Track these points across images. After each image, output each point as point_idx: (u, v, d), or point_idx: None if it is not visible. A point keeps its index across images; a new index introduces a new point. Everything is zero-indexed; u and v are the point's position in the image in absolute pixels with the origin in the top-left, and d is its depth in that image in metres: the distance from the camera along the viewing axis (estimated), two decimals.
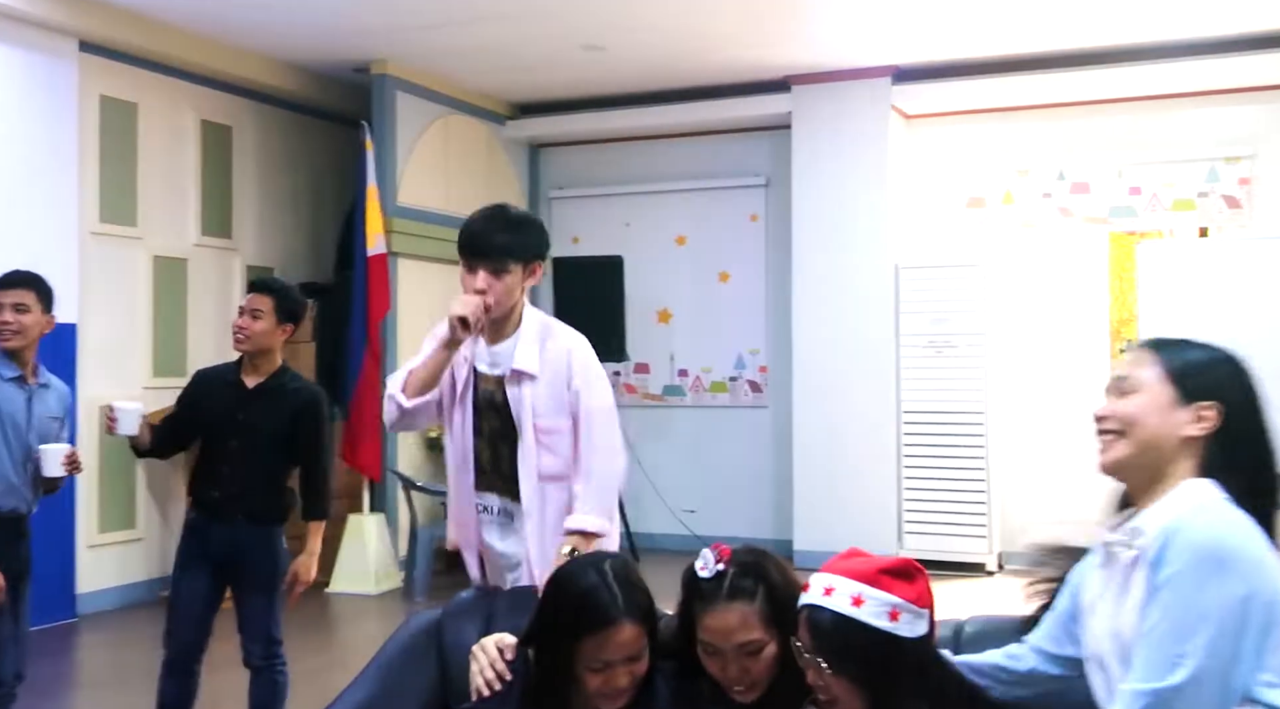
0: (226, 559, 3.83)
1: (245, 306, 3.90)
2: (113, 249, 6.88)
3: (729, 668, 1.99)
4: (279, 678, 3.88)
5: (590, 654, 1.97)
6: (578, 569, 2.08)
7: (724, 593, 2.00)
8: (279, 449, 3.85)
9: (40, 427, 3.62)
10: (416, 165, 8.00)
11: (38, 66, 6.32)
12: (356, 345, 7.28)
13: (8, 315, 3.60)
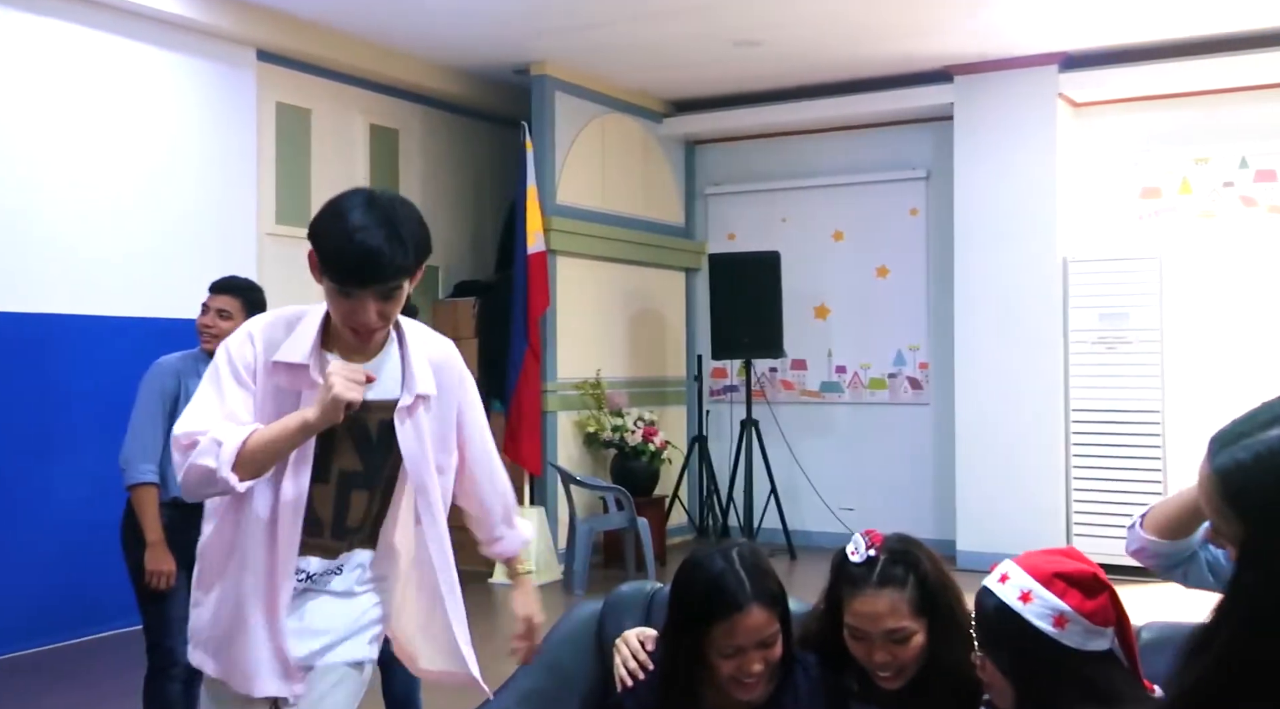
0: None
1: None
2: (287, 249, 7.17)
3: (875, 654, 1.98)
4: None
5: (721, 640, 1.97)
6: (705, 557, 2.08)
7: (874, 579, 1.98)
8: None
9: None
10: (574, 164, 8.11)
11: (219, 76, 6.64)
12: (517, 341, 7.42)
13: (209, 319, 3.80)
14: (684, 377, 9.22)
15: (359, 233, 2.06)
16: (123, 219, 6.11)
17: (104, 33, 6.05)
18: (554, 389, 7.84)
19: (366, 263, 2.05)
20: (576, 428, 8.06)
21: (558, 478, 7.62)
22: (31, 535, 5.66)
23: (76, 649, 5.70)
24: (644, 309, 8.85)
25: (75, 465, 5.77)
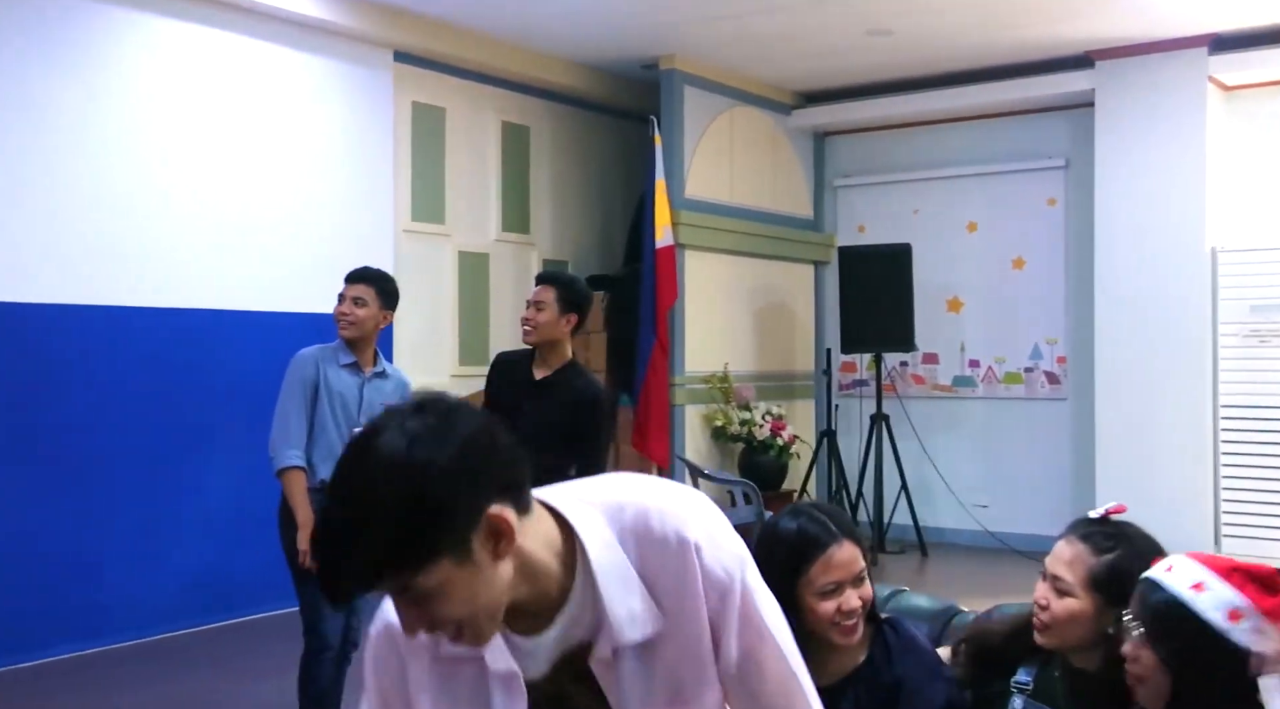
0: None
1: (531, 299, 4.04)
2: (423, 245, 7.35)
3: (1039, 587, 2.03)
4: None
5: (819, 579, 2.02)
6: (777, 520, 2.15)
7: (1080, 534, 2.05)
8: (558, 443, 3.89)
9: (371, 412, 3.84)
10: (703, 158, 8.12)
11: (357, 77, 6.84)
12: (645, 335, 7.46)
13: (346, 307, 3.91)
14: (812, 371, 9.15)
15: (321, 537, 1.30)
16: (266, 218, 6.34)
17: (248, 37, 6.29)
18: (682, 383, 7.86)
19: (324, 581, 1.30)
20: (704, 422, 8.07)
21: (685, 471, 7.64)
22: (185, 522, 5.92)
23: (229, 630, 5.95)
24: (772, 303, 8.81)
25: (225, 455, 6.01)
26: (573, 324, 3.99)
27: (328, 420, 3.80)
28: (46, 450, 5.43)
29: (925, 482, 8.50)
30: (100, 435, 5.61)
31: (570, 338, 4.05)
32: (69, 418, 5.50)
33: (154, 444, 5.81)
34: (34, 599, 5.34)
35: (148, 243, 5.83)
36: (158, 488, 5.83)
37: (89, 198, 5.62)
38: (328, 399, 3.81)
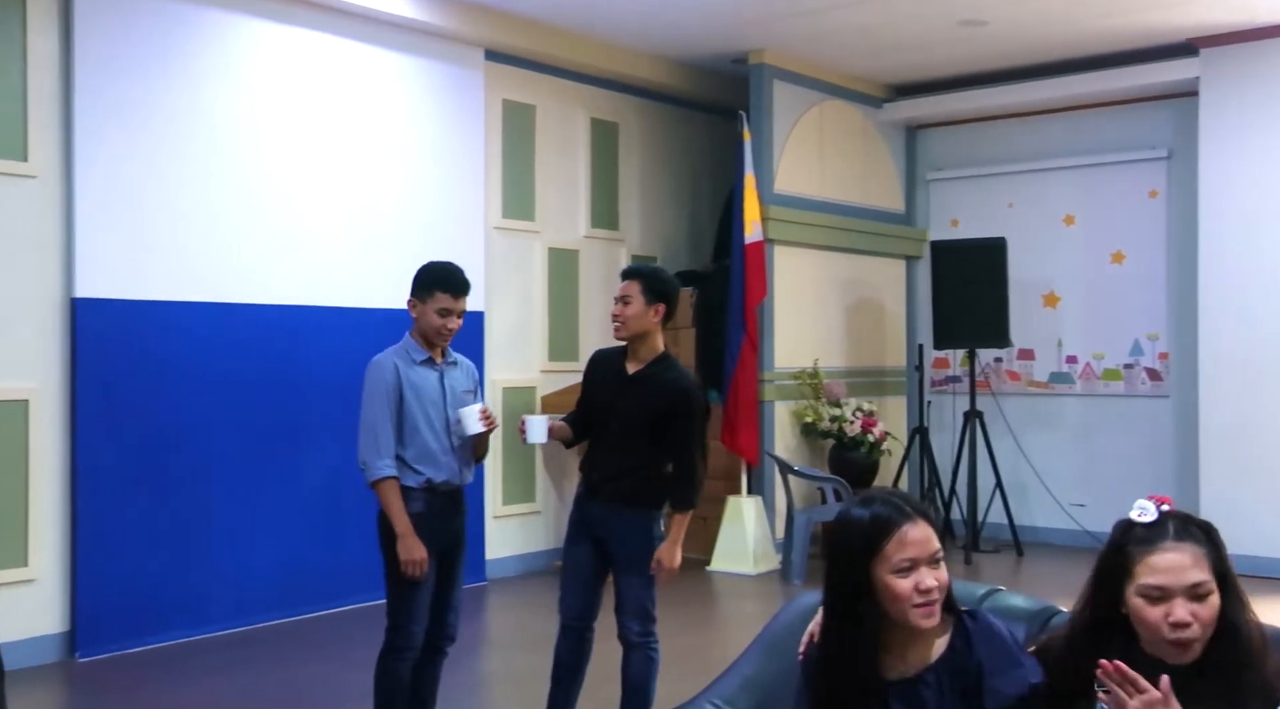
0: (604, 537, 3.97)
1: (617, 295, 4.00)
2: (513, 242, 7.42)
3: (1175, 611, 1.90)
4: (653, 654, 3.97)
5: (894, 556, 2.01)
6: (848, 509, 2.14)
7: (1171, 534, 1.95)
8: (651, 437, 3.90)
9: (454, 400, 3.88)
10: (793, 152, 8.06)
11: (449, 76, 6.92)
12: (734, 331, 7.44)
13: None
14: (904, 367, 9.03)
15: None
16: (361, 217, 6.46)
17: (343, 39, 6.40)
18: (771, 379, 7.82)
19: None
20: (794, 418, 8.02)
21: (775, 468, 7.61)
22: (282, 514, 6.06)
23: (323, 620, 6.07)
24: (863, 298, 8.72)
25: (320, 448, 6.14)
26: (661, 315, 3.95)
27: (419, 420, 3.78)
28: (150, 442, 5.60)
29: (1020, 480, 8.35)
30: (201, 428, 5.77)
31: (661, 330, 4.02)
32: (172, 411, 5.66)
33: (252, 437, 5.96)
34: (138, 589, 5.51)
35: (247, 241, 5.98)
36: (255, 480, 5.97)
37: (193, 198, 5.77)
38: (414, 399, 3.78)
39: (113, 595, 5.42)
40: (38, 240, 5.31)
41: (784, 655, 2.38)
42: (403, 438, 3.76)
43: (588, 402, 4.10)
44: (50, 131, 5.34)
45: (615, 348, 4.11)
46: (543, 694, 4.07)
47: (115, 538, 5.45)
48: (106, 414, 5.47)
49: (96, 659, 5.32)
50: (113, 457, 5.47)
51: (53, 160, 5.35)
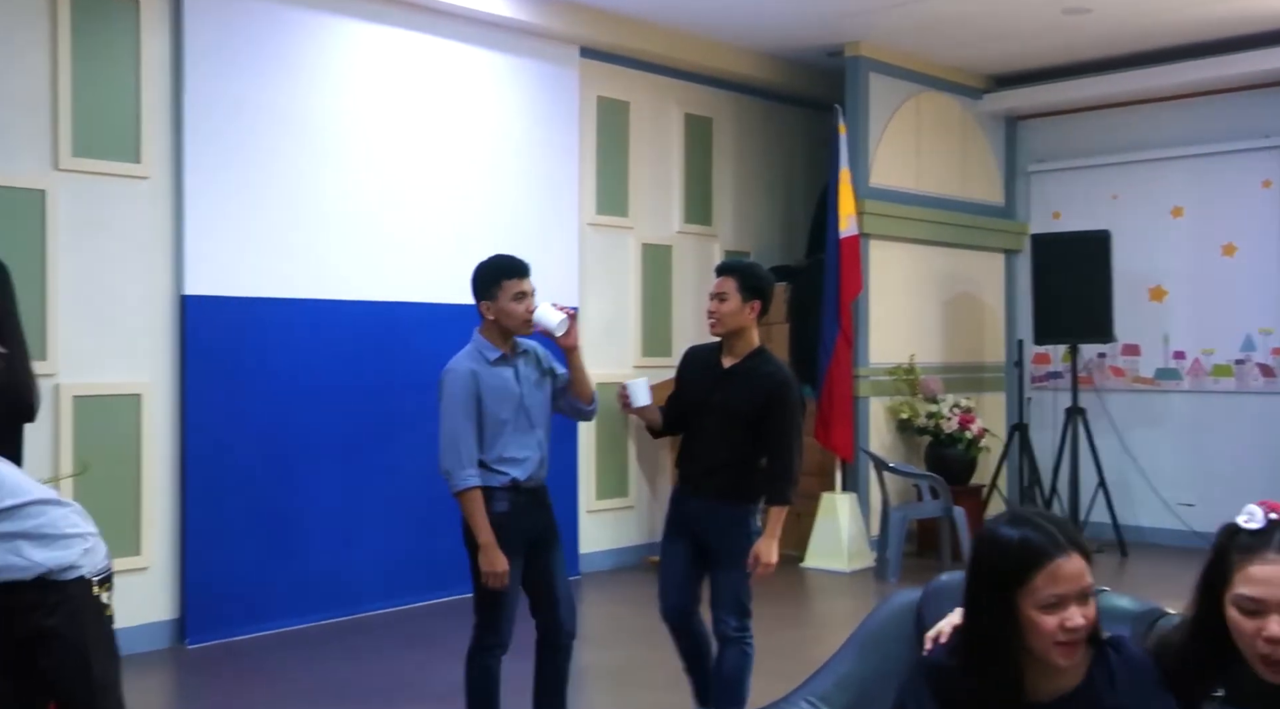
0: (701, 532, 3.98)
1: (713, 291, 4.00)
2: (607, 238, 7.46)
3: (1269, 627, 1.80)
4: (747, 649, 3.97)
5: (1042, 590, 1.88)
6: (1004, 520, 2.00)
7: (1275, 544, 1.83)
8: (748, 431, 3.89)
9: (529, 392, 3.85)
10: (889, 145, 7.97)
11: (544, 74, 6.98)
12: (829, 327, 7.38)
13: (529, 303, 3.88)
14: (1003, 362, 8.87)
15: None
16: (456, 214, 6.55)
17: (440, 38, 6.50)
18: (866, 375, 7.74)
19: None
20: (889, 414, 7.93)
21: (870, 464, 7.53)
22: (382, 506, 6.18)
23: (421, 611, 6.18)
24: (961, 292, 8.58)
25: (417, 441, 6.23)
26: (757, 311, 3.95)
27: (499, 420, 3.76)
28: (255, 435, 5.75)
29: (1124, 478, 8.15)
30: (304, 421, 5.91)
31: (757, 325, 4.02)
32: (276, 405, 5.81)
33: (353, 430, 6.09)
34: (244, 578, 5.67)
35: (347, 239, 6.11)
36: (356, 472, 6.10)
37: (295, 197, 5.92)
38: (493, 401, 3.76)
39: (220, 584, 5.59)
40: (150, 239, 5.49)
41: (879, 654, 2.36)
42: (484, 441, 3.74)
43: (681, 396, 4.10)
44: (161, 134, 5.51)
45: (710, 344, 4.12)
46: (637, 688, 4.09)
47: (222, 528, 5.61)
48: (214, 408, 5.63)
49: (204, 646, 5.49)
50: (220, 449, 5.63)
51: (164, 161, 5.52)
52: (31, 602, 2.64)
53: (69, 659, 2.68)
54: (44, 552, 2.65)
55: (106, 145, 5.34)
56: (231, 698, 4.78)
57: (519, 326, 3.82)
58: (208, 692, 4.95)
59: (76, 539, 2.73)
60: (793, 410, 3.90)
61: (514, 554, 3.74)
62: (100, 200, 5.32)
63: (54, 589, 2.65)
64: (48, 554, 2.65)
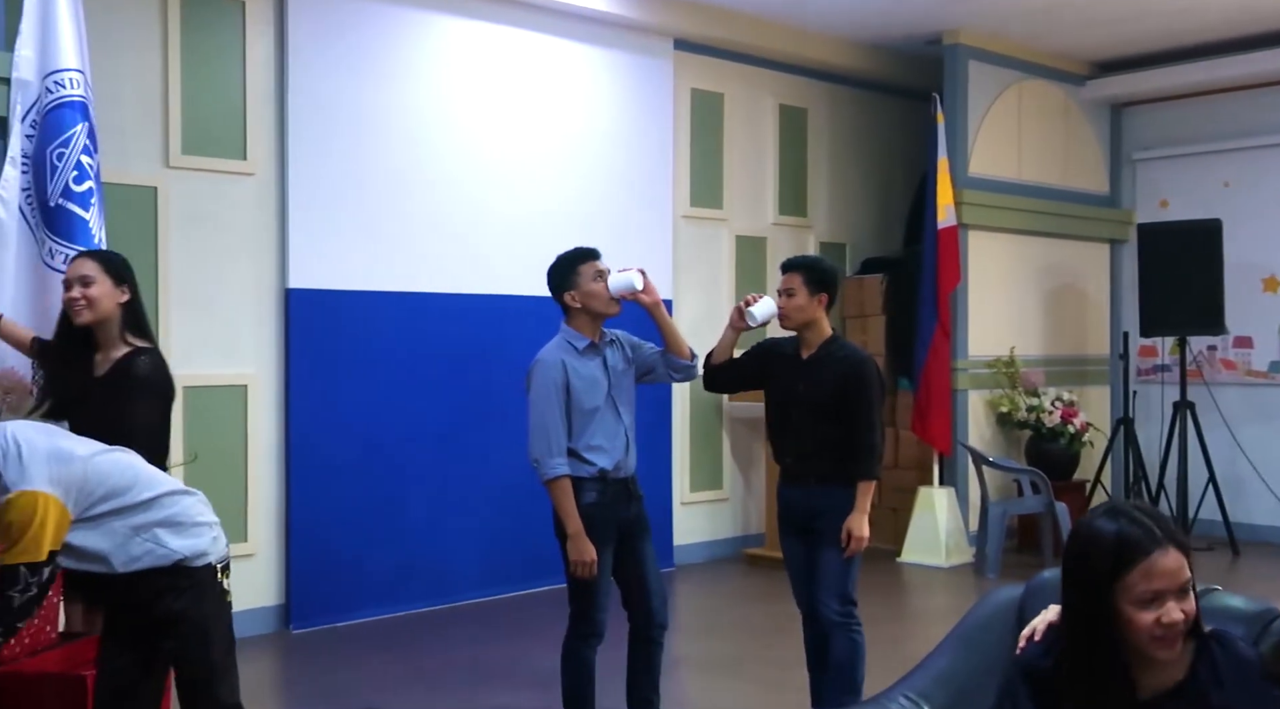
0: (806, 519, 4.02)
1: (780, 288, 4.06)
2: (701, 230, 7.45)
3: None
4: (856, 636, 3.97)
5: (1139, 587, 1.85)
6: (1099, 513, 1.96)
7: None
8: (834, 415, 3.94)
9: (616, 381, 3.89)
10: (988, 134, 7.82)
11: (638, 67, 6.99)
12: (926, 318, 7.27)
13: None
14: (1107, 355, 8.65)
15: None
16: (551, 207, 6.59)
17: (534, 32, 6.54)
18: (965, 367, 7.61)
19: None
20: (988, 407, 7.79)
21: (968, 458, 7.41)
22: (479, 495, 6.26)
23: (517, 601, 6.25)
24: (1063, 284, 8.39)
25: (511, 433, 6.27)
26: (825, 303, 4.04)
27: (588, 410, 3.80)
28: (355, 425, 5.87)
29: (1236, 475, 7.90)
30: (403, 412, 6.01)
31: (827, 316, 4.10)
32: (376, 395, 5.92)
33: (451, 421, 6.18)
34: (345, 565, 5.80)
35: (444, 233, 6.19)
36: (454, 463, 6.19)
37: (394, 191, 6.02)
38: (583, 390, 3.80)
39: (322, 571, 5.72)
40: (256, 234, 5.63)
41: (979, 652, 2.32)
42: (572, 430, 3.78)
43: (757, 370, 4.17)
44: (266, 131, 5.65)
45: (786, 337, 4.19)
46: (732, 681, 4.09)
47: (325, 516, 5.74)
48: (316, 398, 5.76)
49: (307, 631, 5.62)
50: (322, 439, 5.76)
51: (268, 158, 5.66)
52: (163, 586, 2.77)
53: (193, 641, 2.80)
54: (180, 540, 2.78)
55: (214, 143, 5.49)
56: (334, 682, 4.89)
57: (606, 305, 3.87)
58: (311, 675, 5.08)
59: (205, 527, 2.86)
60: (869, 387, 3.96)
61: (604, 544, 3.77)
62: (208, 196, 5.47)
63: (184, 574, 2.78)
64: (183, 542, 2.78)
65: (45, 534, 2.58)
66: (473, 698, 4.68)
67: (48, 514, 2.58)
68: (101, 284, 3.36)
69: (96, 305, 3.34)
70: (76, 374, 3.39)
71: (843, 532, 3.89)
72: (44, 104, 4.14)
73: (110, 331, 3.37)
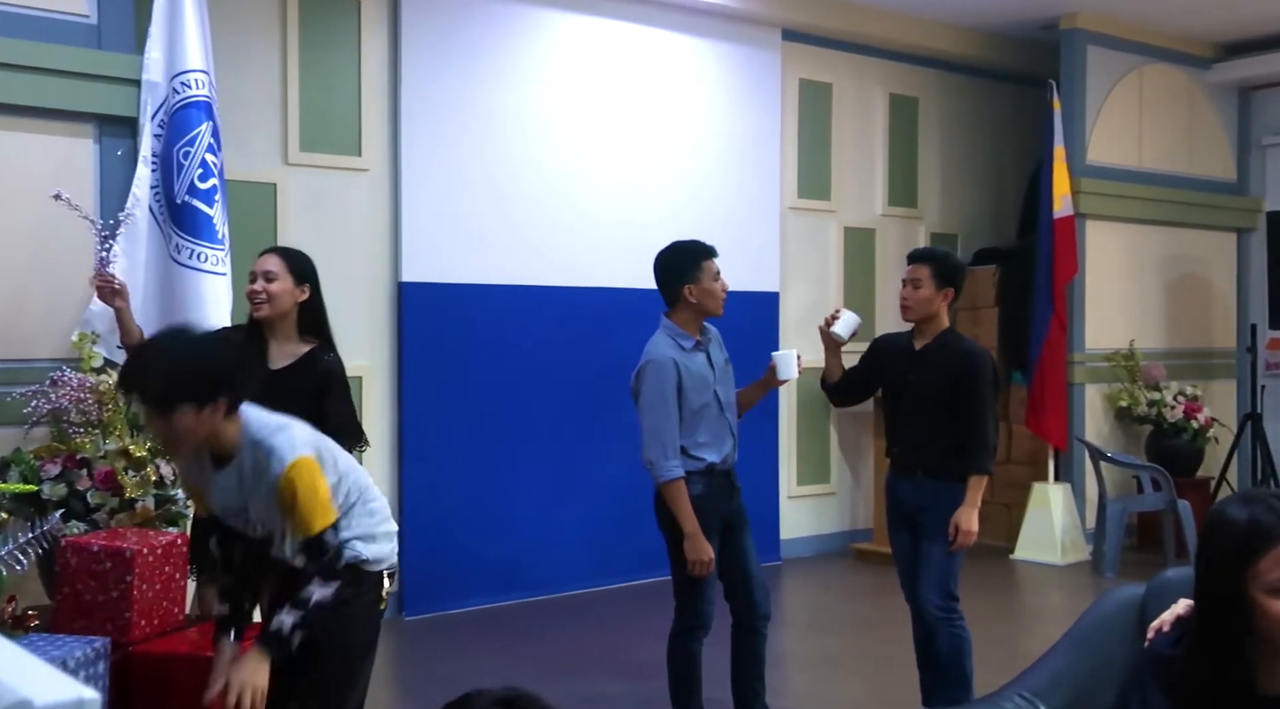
0: (913, 513, 3.98)
1: (906, 278, 4.02)
2: (809, 222, 7.39)
3: None
4: (960, 632, 3.92)
5: (1268, 576, 1.81)
6: (1232, 500, 1.93)
7: None
8: (945, 407, 3.90)
9: (719, 378, 3.90)
10: (1107, 121, 7.60)
11: (746, 58, 6.96)
12: (1041, 310, 7.11)
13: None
14: (1234, 348, 8.35)
15: None
16: (658, 199, 6.60)
17: (641, 25, 6.55)
18: (1081, 360, 7.42)
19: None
20: (1106, 402, 7.59)
21: (1085, 454, 7.22)
22: (588, 487, 6.31)
23: (627, 591, 6.29)
24: (1186, 274, 8.12)
25: (621, 426, 6.32)
26: (949, 298, 4.00)
27: (697, 407, 3.80)
28: (467, 416, 5.96)
29: None
30: (514, 404, 6.09)
31: (948, 311, 4.05)
32: (487, 388, 6.01)
33: (561, 413, 6.24)
34: (458, 554, 5.90)
35: (554, 226, 6.25)
36: (564, 454, 6.25)
37: (504, 186, 6.09)
38: (693, 388, 3.80)
39: (435, 560, 5.82)
40: (371, 229, 5.76)
41: (1098, 652, 2.26)
42: (681, 427, 3.78)
43: (864, 373, 4.18)
44: (381, 128, 5.77)
45: (900, 332, 4.19)
46: (839, 675, 4.06)
47: (437, 507, 5.84)
48: (428, 391, 5.86)
49: (421, 618, 5.74)
50: (434, 431, 5.87)
51: (383, 154, 5.78)
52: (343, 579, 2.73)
53: (336, 629, 2.73)
54: (369, 545, 2.80)
55: (331, 140, 5.63)
56: (447, 669, 4.99)
57: (717, 307, 3.87)
58: (424, 662, 5.18)
59: (389, 536, 2.88)
60: (982, 380, 3.90)
61: (711, 535, 3.79)
62: (325, 192, 5.61)
63: (361, 575, 2.78)
64: (370, 547, 2.80)
65: (325, 492, 2.59)
66: (580, 687, 4.73)
67: (319, 476, 2.58)
68: (283, 280, 3.45)
69: (276, 300, 3.44)
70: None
71: (950, 525, 3.83)
72: (171, 104, 4.30)
73: (286, 328, 3.48)
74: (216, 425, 2.56)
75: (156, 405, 2.51)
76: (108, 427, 4.03)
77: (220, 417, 2.55)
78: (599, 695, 4.64)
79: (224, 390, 2.54)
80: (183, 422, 2.50)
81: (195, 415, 2.50)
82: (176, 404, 2.48)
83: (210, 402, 2.51)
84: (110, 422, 4.03)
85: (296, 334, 3.48)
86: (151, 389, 2.50)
